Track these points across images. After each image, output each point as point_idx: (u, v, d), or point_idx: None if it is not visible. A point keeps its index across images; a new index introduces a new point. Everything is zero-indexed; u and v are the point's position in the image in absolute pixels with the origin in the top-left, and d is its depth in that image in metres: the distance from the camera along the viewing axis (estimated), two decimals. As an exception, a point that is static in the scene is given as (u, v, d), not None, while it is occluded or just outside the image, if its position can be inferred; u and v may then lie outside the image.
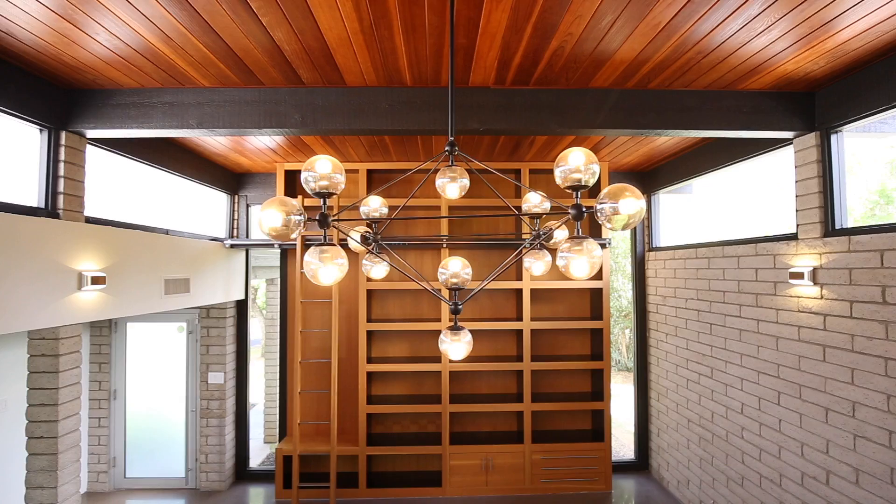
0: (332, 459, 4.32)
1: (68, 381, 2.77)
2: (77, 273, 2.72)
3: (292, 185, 4.85)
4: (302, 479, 4.58)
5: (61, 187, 2.75)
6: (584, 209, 1.27)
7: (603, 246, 4.71)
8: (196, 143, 3.98)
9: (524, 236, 2.61)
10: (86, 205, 2.98)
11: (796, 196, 3.07)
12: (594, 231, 4.91)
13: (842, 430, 2.71)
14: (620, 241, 9.39)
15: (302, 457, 4.77)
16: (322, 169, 1.31)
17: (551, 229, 2.01)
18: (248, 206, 5.11)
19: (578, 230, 1.28)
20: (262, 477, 5.01)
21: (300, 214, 1.25)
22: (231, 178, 4.98)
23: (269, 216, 1.22)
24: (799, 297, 3.02)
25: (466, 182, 1.75)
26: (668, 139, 3.96)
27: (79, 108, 2.79)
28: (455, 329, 1.61)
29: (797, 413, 3.03)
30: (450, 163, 1.74)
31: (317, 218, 1.30)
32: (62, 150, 2.77)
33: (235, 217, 5.07)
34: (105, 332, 4.76)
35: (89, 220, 2.99)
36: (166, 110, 2.81)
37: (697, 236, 4.29)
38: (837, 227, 2.81)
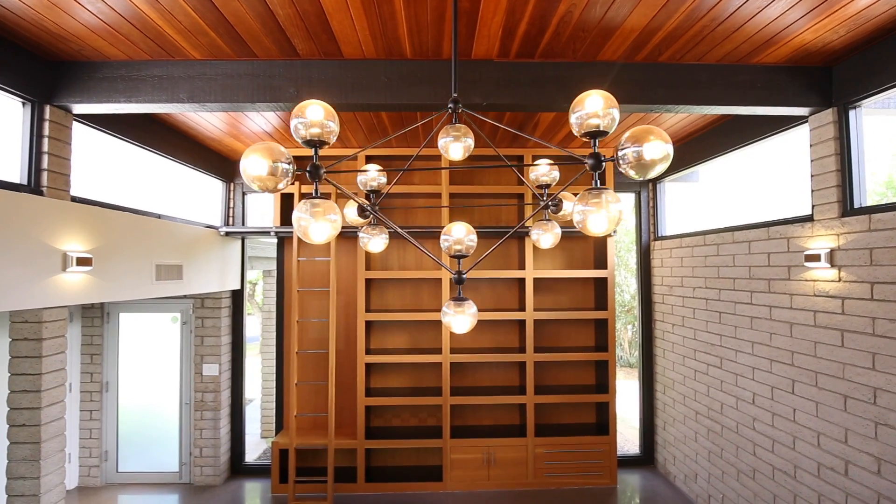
0: (330, 453, 4.20)
1: (52, 366, 2.64)
2: (61, 253, 2.59)
3: (289, 172, 4.72)
4: (299, 473, 4.46)
5: (45, 164, 2.63)
6: (602, 158, 1.15)
7: (608, 234, 4.59)
8: (190, 125, 3.86)
9: (527, 227, 2.49)
10: (74, 186, 2.86)
11: (811, 176, 2.95)
12: (599, 219, 4.79)
13: (862, 418, 2.59)
14: (623, 235, 9.26)
15: (299, 451, 4.65)
16: (313, 115, 1.19)
17: (560, 199, 1.89)
18: (244, 194, 4.99)
19: (596, 182, 1.16)
20: (258, 472, 4.89)
21: (288, 163, 1.13)
22: (227, 165, 4.86)
23: (252, 163, 1.10)
24: (815, 280, 2.90)
25: (470, 142, 1.63)
26: (675, 123, 3.85)
27: (64, 81, 2.67)
28: (459, 300, 1.49)
29: (813, 401, 2.91)
30: (453, 121, 1.61)
31: (307, 170, 1.18)
32: (46, 125, 2.65)
33: (231, 205, 4.94)
34: (97, 323, 4.63)
35: (76, 201, 2.87)
36: (155, 84, 2.69)
37: (705, 224, 4.17)
38: (856, 206, 2.69)
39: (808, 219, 2.98)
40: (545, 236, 1.90)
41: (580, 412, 4.89)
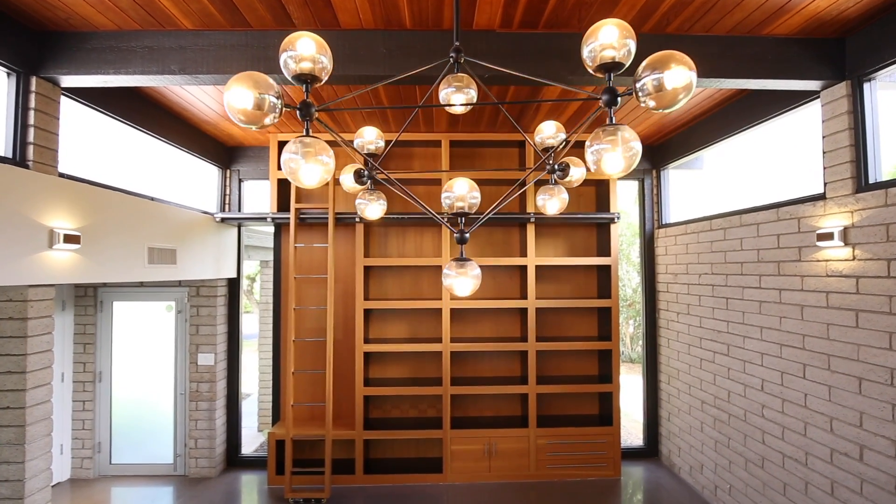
0: (328, 443, 4.10)
1: (38, 347, 2.55)
2: (48, 229, 2.50)
3: (286, 157, 4.63)
4: (296, 465, 4.36)
5: (31, 137, 2.54)
6: (618, 94, 1.06)
7: (611, 221, 4.50)
8: (184, 106, 3.77)
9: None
10: (64, 165, 2.77)
11: (823, 153, 2.86)
12: (601, 205, 4.70)
13: (878, 401, 2.49)
14: (625, 229, 9.16)
15: (296, 442, 4.55)
16: (304, 48, 1.09)
17: (567, 164, 1.80)
18: (240, 181, 4.89)
19: (612, 118, 1.07)
20: (254, 464, 4.79)
21: (277, 97, 1.03)
22: (223, 152, 4.77)
23: (236, 95, 1.00)
24: (827, 260, 2.81)
25: (473, 93, 1.54)
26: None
27: (51, 52, 2.58)
28: (461, 260, 1.40)
29: (825, 385, 2.82)
30: (455, 70, 1.52)
31: (297, 107, 1.08)
32: (33, 97, 2.55)
33: (227, 192, 4.85)
34: (90, 311, 4.54)
35: (64, 178, 2.78)
36: (146, 55, 2.59)
37: (710, 210, 4.08)
38: (871, 181, 2.60)
39: (820, 197, 2.89)
40: (551, 201, 1.81)
41: (583, 403, 4.80)
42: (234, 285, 4.79)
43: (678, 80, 0.94)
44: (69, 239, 2.57)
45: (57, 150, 2.70)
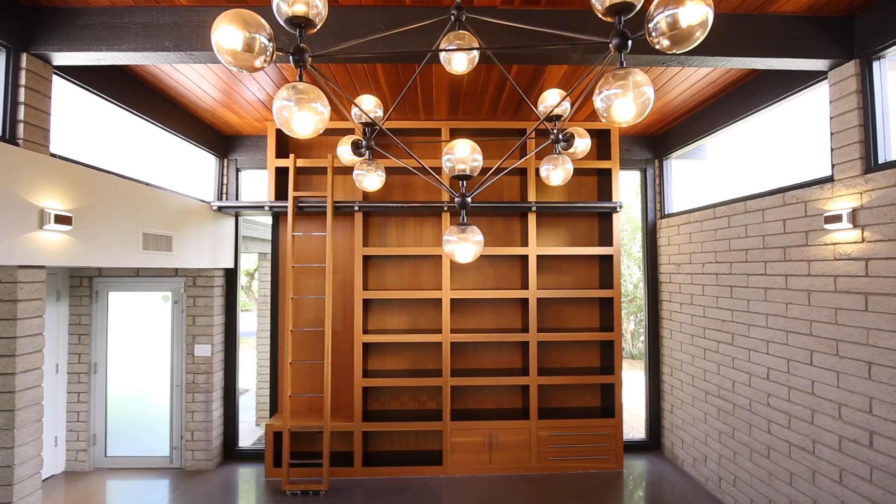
0: (326, 434, 4.04)
1: (28, 330, 2.49)
2: (38, 209, 2.44)
3: (284, 146, 4.58)
4: (293, 458, 4.30)
5: (22, 115, 2.48)
6: (629, 36, 1.00)
7: (614, 210, 4.45)
8: (181, 92, 3.71)
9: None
10: (58, 148, 2.72)
11: (831, 134, 2.80)
12: (603, 195, 4.64)
13: (889, 385, 2.44)
14: (626, 224, 9.10)
15: (294, 435, 4.49)
16: (297, -10, 1.03)
17: (571, 134, 1.75)
18: (237, 170, 4.83)
19: (622, 61, 1.01)
20: (252, 457, 4.73)
21: (268, 38, 0.98)
22: (220, 140, 4.71)
23: (224, 34, 0.94)
24: (836, 243, 2.75)
25: (475, 53, 1.48)
26: (684, 90, 3.70)
27: (42, 28, 2.52)
28: (462, 226, 1.34)
29: (833, 371, 2.76)
30: (455, 28, 1.46)
31: (290, 51, 1.02)
32: (23, 73, 2.49)
33: (224, 182, 4.79)
34: (85, 302, 4.48)
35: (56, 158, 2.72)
36: (140, 31, 2.54)
37: (714, 198, 4.02)
38: (881, 161, 2.55)
39: (828, 180, 2.84)
40: (555, 171, 1.75)
41: (584, 395, 4.74)
42: (231, 276, 4.73)
43: (694, 15, 0.89)
44: (60, 220, 2.51)
45: (48, 129, 2.64)
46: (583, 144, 1.78)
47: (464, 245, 1.32)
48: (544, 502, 3.80)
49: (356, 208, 4.31)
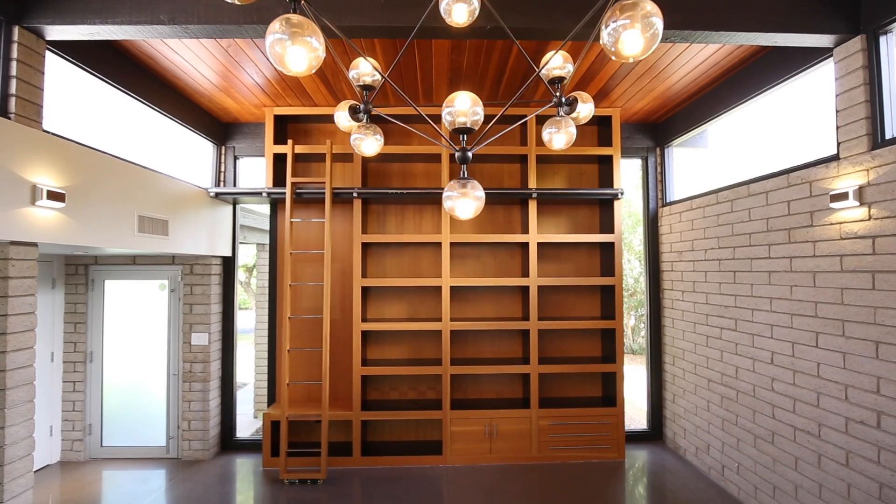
0: (324, 423, 3.99)
1: (20, 308, 2.44)
2: (30, 185, 2.40)
3: (283, 132, 4.54)
4: (291, 448, 4.24)
5: (13, 89, 2.43)
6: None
7: (615, 197, 4.40)
8: (179, 75, 3.66)
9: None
10: (54, 127, 2.67)
11: (837, 111, 2.76)
12: (604, 183, 4.59)
13: (896, 363, 2.39)
14: (626, 216, 9.05)
15: (292, 425, 4.44)
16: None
17: (574, 98, 1.71)
18: (235, 158, 4.79)
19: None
20: (249, 447, 4.68)
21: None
22: (218, 128, 4.66)
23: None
24: (842, 222, 2.71)
25: (476, 4, 1.43)
26: (687, 73, 3.65)
27: (34, 0, 2.47)
28: (463, 180, 1.30)
29: (839, 353, 2.72)
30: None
31: (284, -17, 0.98)
32: (14, 47, 2.45)
33: (222, 169, 4.74)
34: (81, 290, 4.43)
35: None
36: (134, 4, 2.49)
37: (715, 185, 3.98)
38: (888, 136, 2.51)
39: (833, 158, 2.80)
40: (558, 135, 1.70)
41: (586, 385, 4.69)
42: (228, 264, 4.68)
43: None
44: (53, 196, 2.47)
45: (41, 105, 2.60)
46: (585, 109, 1.74)
47: (464, 200, 1.28)
48: (545, 491, 3.75)
49: (355, 195, 4.26)
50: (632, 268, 9.27)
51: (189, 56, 3.34)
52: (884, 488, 2.45)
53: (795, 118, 3.56)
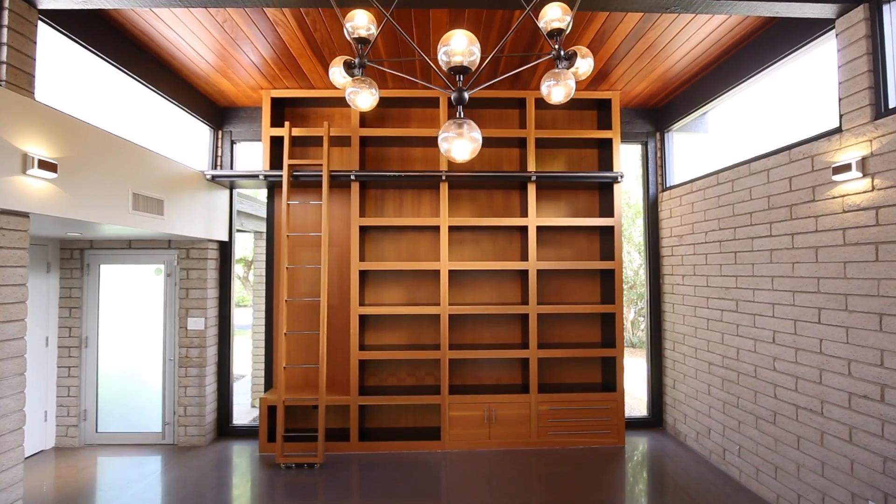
0: (321, 407, 3.95)
1: (11, 279, 2.40)
2: (21, 153, 2.36)
3: (280, 116, 4.50)
4: (289, 438, 4.20)
5: (4, 56, 2.40)
6: None
7: (615, 180, 4.37)
8: (174, 54, 3.63)
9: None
10: (49, 101, 2.63)
11: (839, 83, 2.73)
12: (604, 167, 4.56)
13: (900, 335, 2.36)
14: (626, 208, 9.01)
15: (289, 411, 4.40)
16: None
17: (574, 52, 1.67)
18: (232, 142, 4.75)
19: None
20: (246, 434, 4.64)
21: None
22: (215, 111, 4.63)
23: None
24: (844, 195, 2.67)
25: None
26: (687, 51, 3.62)
27: (26, -32, 2.44)
28: (459, 120, 1.26)
29: (842, 327, 2.68)
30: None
31: None
32: (6, 14, 2.41)
33: (219, 154, 4.71)
34: (76, 275, 4.39)
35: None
36: (127, -28, 2.46)
37: (716, 167, 3.95)
38: (892, 105, 2.47)
39: (835, 131, 2.76)
40: (557, 88, 1.66)
41: (585, 370, 4.65)
42: (225, 249, 4.64)
43: None
44: (45, 165, 2.43)
45: (33, 75, 2.56)
46: (585, 65, 1.70)
47: (461, 141, 1.24)
48: (545, 476, 3.71)
49: (352, 177, 4.23)
50: (631, 260, 9.24)
51: (184, 32, 3.31)
52: (888, 462, 2.41)
53: (795, 99, 3.53)
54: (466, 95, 1.23)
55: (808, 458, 2.93)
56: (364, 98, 1.67)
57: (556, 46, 1.66)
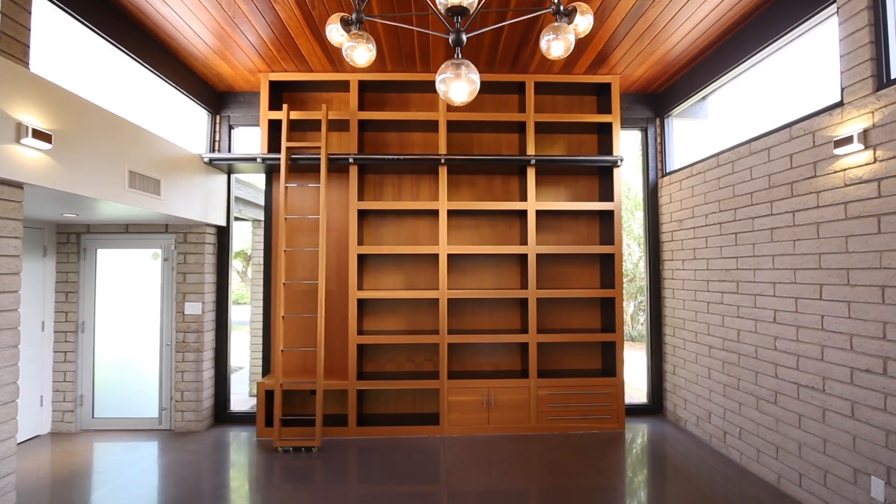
0: (319, 391, 3.92)
1: (5, 250, 2.38)
2: (15, 122, 2.34)
3: (278, 101, 4.48)
4: (287, 423, 4.17)
5: (-1, 24, 2.37)
6: None
7: (615, 164, 4.35)
8: (173, 34, 3.60)
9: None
10: (45, 74, 2.61)
11: (841, 56, 2.71)
12: (603, 152, 4.54)
13: (903, 306, 2.33)
14: (625, 199, 8.98)
15: (287, 396, 4.37)
16: None
17: (574, 8, 1.65)
18: (230, 127, 4.73)
19: None
20: (244, 420, 4.61)
21: None
22: (213, 96, 4.61)
23: None
24: (846, 168, 2.65)
25: None
26: (685, 34, 3.60)
27: (21, -64, 2.42)
28: (457, 62, 1.24)
29: (844, 302, 2.66)
30: None
31: None
32: (0, -18, 2.39)
33: (217, 138, 4.68)
34: (73, 259, 4.36)
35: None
36: (123, -60, 2.43)
37: (715, 150, 3.93)
38: (894, 76, 2.45)
39: (837, 105, 2.74)
40: (556, 42, 1.64)
41: (585, 356, 4.63)
42: (223, 234, 4.62)
43: None
44: (39, 135, 2.41)
45: (28, 45, 2.54)
46: (584, 22, 1.68)
47: (458, 83, 1.22)
48: (544, 461, 3.68)
49: (351, 161, 4.20)
50: (631, 253, 9.22)
51: (182, 10, 3.28)
52: (890, 436, 2.39)
53: (795, 79, 3.51)
54: (464, 38, 1.21)
55: (809, 436, 2.90)
56: (361, 53, 1.65)
57: (556, 1, 1.64)
